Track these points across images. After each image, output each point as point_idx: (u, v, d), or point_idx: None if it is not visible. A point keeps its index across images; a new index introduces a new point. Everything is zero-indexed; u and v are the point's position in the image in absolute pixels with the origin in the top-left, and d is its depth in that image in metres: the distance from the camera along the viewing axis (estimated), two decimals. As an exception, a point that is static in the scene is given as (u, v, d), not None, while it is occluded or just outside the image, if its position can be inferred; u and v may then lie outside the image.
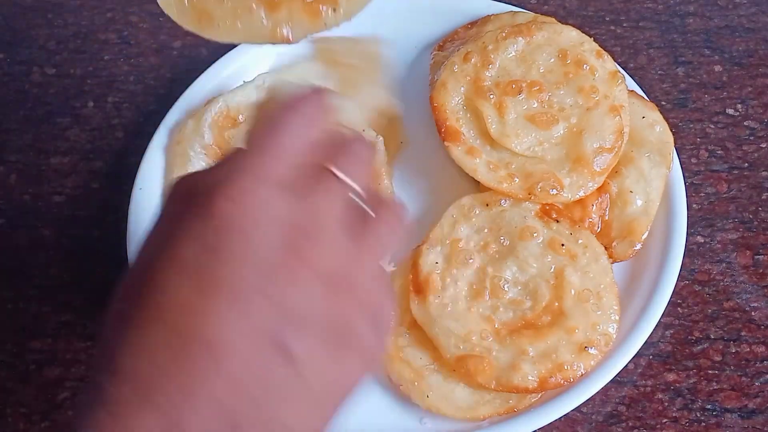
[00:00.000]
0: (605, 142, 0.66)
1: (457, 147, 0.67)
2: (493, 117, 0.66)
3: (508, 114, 0.66)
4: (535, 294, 0.63)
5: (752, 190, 0.74)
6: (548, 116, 0.66)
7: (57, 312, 0.72)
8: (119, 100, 0.84)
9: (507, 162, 0.66)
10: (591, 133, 0.66)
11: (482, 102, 0.67)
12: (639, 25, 0.85)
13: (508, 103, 0.66)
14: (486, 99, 0.67)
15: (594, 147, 0.65)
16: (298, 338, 0.36)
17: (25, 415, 0.67)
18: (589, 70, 0.67)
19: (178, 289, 0.36)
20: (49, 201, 0.78)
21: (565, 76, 0.67)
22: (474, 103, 0.67)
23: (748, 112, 0.78)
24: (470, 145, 0.67)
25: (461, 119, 0.67)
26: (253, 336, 0.35)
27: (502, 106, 0.66)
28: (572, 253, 0.63)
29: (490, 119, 0.66)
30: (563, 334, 0.61)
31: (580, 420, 0.64)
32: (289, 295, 0.36)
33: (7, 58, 0.87)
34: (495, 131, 0.66)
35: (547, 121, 0.66)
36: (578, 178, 0.65)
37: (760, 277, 0.70)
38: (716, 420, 0.64)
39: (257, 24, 0.53)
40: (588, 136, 0.66)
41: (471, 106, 0.67)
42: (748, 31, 0.84)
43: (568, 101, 0.67)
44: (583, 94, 0.67)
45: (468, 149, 0.66)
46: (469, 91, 0.67)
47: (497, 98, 0.67)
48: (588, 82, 0.67)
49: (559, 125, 0.66)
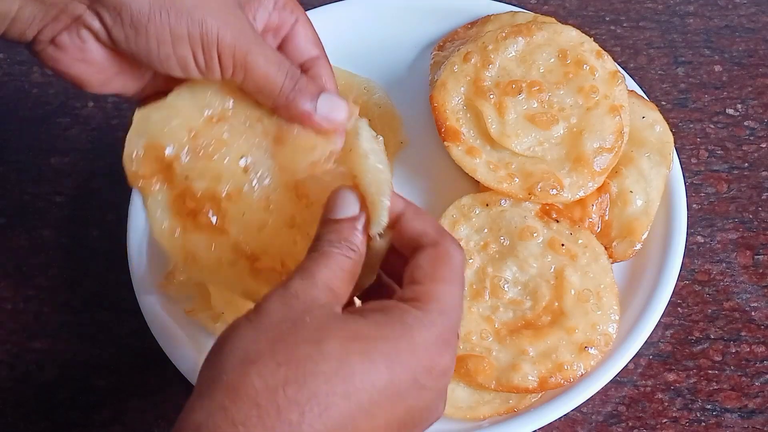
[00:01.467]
0: (605, 142, 0.66)
1: (457, 147, 0.66)
2: (493, 117, 0.66)
3: (508, 114, 0.66)
4: (535, 294, 0.63)
5: (752, 190, 0.74)
6: (548, 116, 0.66)
7: (57, 312, 0.72)
8: (119, 100, 0.84)
9: (507, 162, 0.66)
10: (591, 133, 0.66)
11: (482, 102, 0.67)
12: (639, 25, 0.85)
13: (508, 103, 0.66)
14: (486, 99, 0.67)
15: (594, 147, 0.65)
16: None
17: (25, 415, 0.67)
18: (589, 70, 0.67)
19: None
20: (49, 201, 0.78)
21: (565, 76, 0.67)
22: (474, 103, 0.67)
23: (748, 112, 0.78)
24: (470, 144, 0.67)
25: (461, 119, 0.67)
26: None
27: (502, 106, 0.66)
28: (572, 253, 0.63)
29: (490, 119, 0.66)
30: (563, 334, 0.61)
31: (580, 420, 0.64)
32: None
33: (7, 58, 0.87)
34: (495, 131, 0.66)
35: (547, 121, 0.66)
36: (578, 178, 0.65)
37: (760, 277, 0.70)
38: (716, 420, 0.64)
39: (237, 280, 0.54)
40: (588, 136, 0.66)
41: (471, 106, 0.67)
42: (748, 31, 0.84)
43: (568, 101, 0.67)
44: (583, 94, 0.67)
45: (468, 149, 0.66)
46: (469, 91, 0.67)
47: (497, 98, 0.67)
48: (588, 82, 0.67)
49: (559, 125, 0.66)
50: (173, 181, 0.55)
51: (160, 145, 0.55)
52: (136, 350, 0.69)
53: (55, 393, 0.68)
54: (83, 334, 0.71)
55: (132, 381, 0.68)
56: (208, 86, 0.55)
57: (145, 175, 0.55)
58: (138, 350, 0.69)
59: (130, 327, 0.70)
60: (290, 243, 0.53)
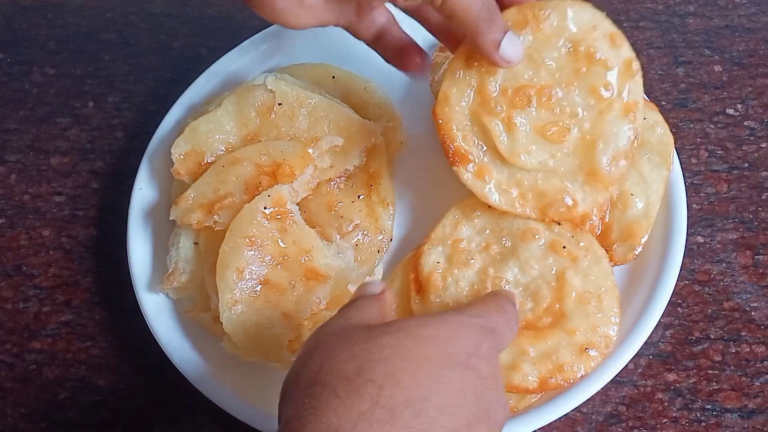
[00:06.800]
0: (619, 148, 0.62)
1: (466, 169, 0.63)
2: (503, 135, 0.62)
3: (518, 128, 0.62)
4: (536, 295, 0.63)
5: (752, 190, 0.74)
6: (560, 126, 0.62)
7: (57, 312, 0.72)
8: (119, 100, 0.84)
9: (518, 179, 0.63)
10: (605, 142, 0.62)
11: (490, 119, 0.62)
12: (639, 25, 0.85)
13: (518, 116, 0.62)
14: (494, 114, 0.62)
15: (608, 157, 0.62)
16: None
17: (25, 415, 0.67)
18: (602, 63, 0.62)
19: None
20: (49, 201, 0.78)
21: (576, 73, 0.62)
22: (481, 118, 0.63)
23: (748, 112, 0.78)
24: (480, 164, 0.63)
25: (468, 136, 0.63)
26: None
27: (512, 122, 0.62)
28: (573, 256, 0.63)
29: (499, 136, 0.62)
30: (564, 336, 0.61)
31: (580, 420, 0.64)
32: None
33: (7, 58, 0.87)
34: (505, 150, 0.62)
35: (559, 133, 0.62)
36: (591, 190, 0.63)
37: (760, 277, 0.70)
38: (716, 420, 0.64)
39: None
40: (602, 147, 0.62)
41: (477, 119, 0.63)
42: (748, 31, 0.84)
43: (580, 103, 0.62)
44: (595, 96, 0.62)
45: (478, 170, 0.63)
46: (475, 102, 0.63)
47: (506, 113, 0.62)
48: (601, 80, 0.62)
49: (571, 134, 0.63)
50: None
51: (201, 152, 0.69)
52: (136, 350, 0.69)
53: (55, 393, 0.68)
54: (83, 334, 0.71)
55: (132, 381, 0.68)
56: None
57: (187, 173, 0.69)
58: (138, 350, 0.69)
59: (130, 327, 0.70)
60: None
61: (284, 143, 0.69)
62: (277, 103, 0.70)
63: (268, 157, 0.67)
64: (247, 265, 0.63)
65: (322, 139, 0.69)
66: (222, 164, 0.68)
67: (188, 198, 0.67)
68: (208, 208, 0.66)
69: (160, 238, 0.70)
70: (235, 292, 0.62)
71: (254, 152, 0.68)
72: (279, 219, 0.65)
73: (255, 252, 0.64)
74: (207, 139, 0.70)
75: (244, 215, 0.65)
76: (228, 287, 0.62)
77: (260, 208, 0.65)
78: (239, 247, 0.63)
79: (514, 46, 0.59)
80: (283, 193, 0.66)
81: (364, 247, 0.68)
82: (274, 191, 0.66)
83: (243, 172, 0.67)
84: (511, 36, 0.59)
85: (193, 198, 0.67)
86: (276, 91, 0.70)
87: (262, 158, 0.67)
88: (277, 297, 0.63)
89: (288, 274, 0.64)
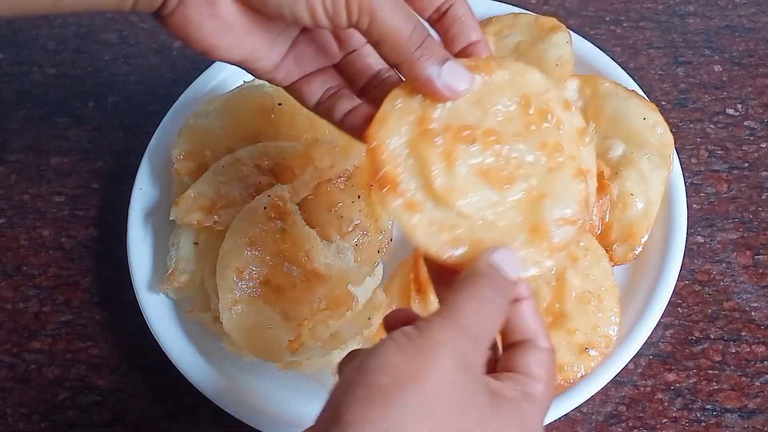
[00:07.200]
0: (568, 212, 0.54)
1: (394, 199, 0.52)
2: (440, 168, 0.52)
3: (457, 167, 0.53)
4: (536, 295, 0.63)
5: (752, 190, 0.74)
6: (505, 173, 0.54)
7: (57, 312, 0.72)
8: (119, 100, 0.84)
9: (452, 224, 0.52)
10: (553, 200, 0.54)
11: (427, 149, 0.53)
12: (639, 25, 0.85)
13: (459, 153, 0.53)
14: (432, 145, 0.53)
15: (555, 217, 0.53)
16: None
17: (25, 415, 0.67)
18: (555, 123, 0.55)
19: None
20: (49, 201, 0.78)
21: (527, 128, 0.54)
22: (418, 149, 0.53)
23: (748, 112, 0.78)
24: (409, 198, 0.53)
25: (402, 165, 0.53)
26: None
27: (452, 157, 0.53)
28: (573, 256, 0.63)
29: (435, 171, 0.52)
30: (564, 335, 0.61)
31: (580, 420, 0.64)
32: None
33: (7, 58, 0.87)
34: (441, 185, 0.52)
35: (504, 179, 0.53)
36: (534, 252, 0.53)
37: (760, 277, 0.70)
38: (716, 420, 0.64)
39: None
40: (549, 204, 0.54)
41: (414, 151, 0.53)
42: (748, 31, 0.84)
43: (529, 158, 0.54)
44: (546, 151, 0.54)
45: (407, 203, 0.52)
46: (413, 132, 0.53)
47: (446, 146, 0.53)
48: (553, 138, 0.54)
49: (516, 185, 0.54)
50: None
51: (201, 152, 0.70)
52: (136, 350, 0.69)
53: (55, 393, 0.68)
54: (83, 334, 0.71)
55: (132, 381, 0.68)
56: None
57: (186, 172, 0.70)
58: (138, 350, 0.69)
59: (130, 327, 0.70)
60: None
61: (284, 143, 0.69)
62: (277, 103, 0.70)
63: (268, 157, 0.67)
64: (247, 265, 0.63)
65: (322, 138, 0.69)
66: (222, 164, 0.68)
67: (188, 198, 0.67)
68: (208, 208, 0.66)
69: (160, 238, 0.70)
70: (235, 292, 0.62)
71: (254, 152, 0.68)
72: (279, 219, 0.65)
73: (255, 252, 0.64)
74: (207, 139, 0.70)
75: (244, 215, 0.65)
76: (228, 287, 0.62)
77: (260, 208, 0.65)
78: (239, 247, 0.63)
79: (457, 73, 0.51)
80: (283, 193, 0.66)
81: (364, 247, 0.68)
82: (274, 191, 0.66)
83: (243, 172, 0.67)
84: (452, 64, 0.51)
85: (194, 198, 0.67)
86: (276, 91, 0.70)
87: (262, 158, 0.67)
88: (276, 297, 0.63)
89: (288, 274, 0.64)
